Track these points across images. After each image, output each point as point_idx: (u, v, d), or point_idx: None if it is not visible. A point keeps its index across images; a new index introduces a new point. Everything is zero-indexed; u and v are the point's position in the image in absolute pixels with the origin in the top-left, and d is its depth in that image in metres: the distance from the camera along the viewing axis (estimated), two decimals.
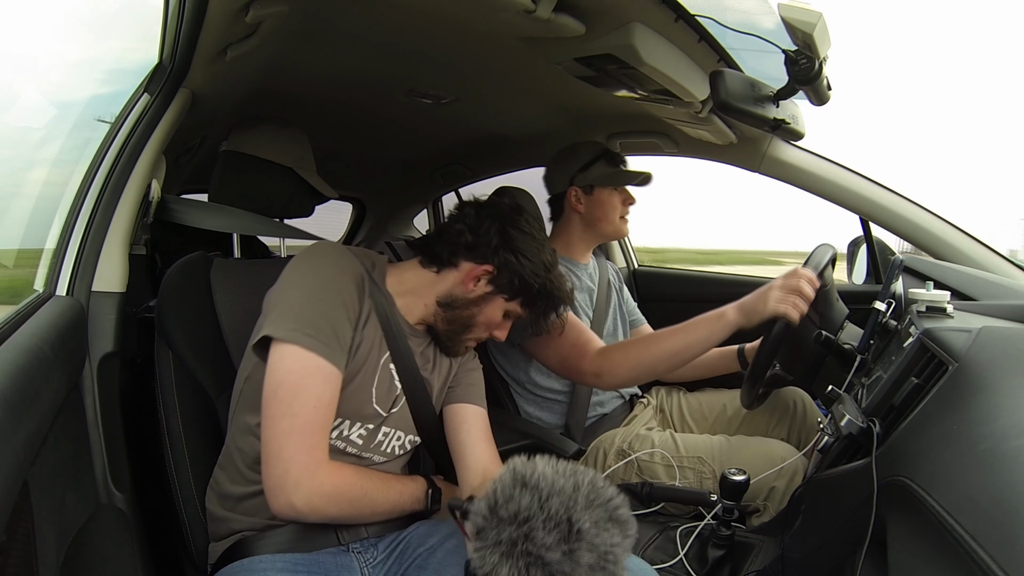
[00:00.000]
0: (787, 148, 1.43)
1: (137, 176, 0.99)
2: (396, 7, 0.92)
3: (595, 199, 1.43)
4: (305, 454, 0.76)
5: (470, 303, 0.93)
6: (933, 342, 0.60)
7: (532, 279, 0.92)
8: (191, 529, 0.91)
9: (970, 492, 0.41)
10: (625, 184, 1.43)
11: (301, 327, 0.79)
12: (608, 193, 1.42)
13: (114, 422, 0.93)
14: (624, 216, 1.45)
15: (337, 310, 0.82)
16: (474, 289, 0.93)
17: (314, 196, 1.26)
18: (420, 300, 0.94)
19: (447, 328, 0.94)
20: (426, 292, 0.94)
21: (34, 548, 0.62)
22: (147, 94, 1.04)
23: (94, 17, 1.44)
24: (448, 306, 0.93)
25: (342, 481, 0.79)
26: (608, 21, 0.87)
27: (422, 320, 0.96)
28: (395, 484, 0.87)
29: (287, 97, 1.40)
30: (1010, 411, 0.44)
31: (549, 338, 1.23)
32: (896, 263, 1.04)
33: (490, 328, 0.97)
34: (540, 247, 0.94)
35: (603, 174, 1.42)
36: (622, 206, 1.44)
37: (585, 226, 1.45)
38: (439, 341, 0.96)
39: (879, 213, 1.36)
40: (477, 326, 0.95)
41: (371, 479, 0.84)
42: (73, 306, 0.88)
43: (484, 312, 0.94)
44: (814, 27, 0.80)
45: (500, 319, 0.96)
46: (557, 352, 1.24)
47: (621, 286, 1.61)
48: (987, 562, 0.34)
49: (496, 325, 0.97)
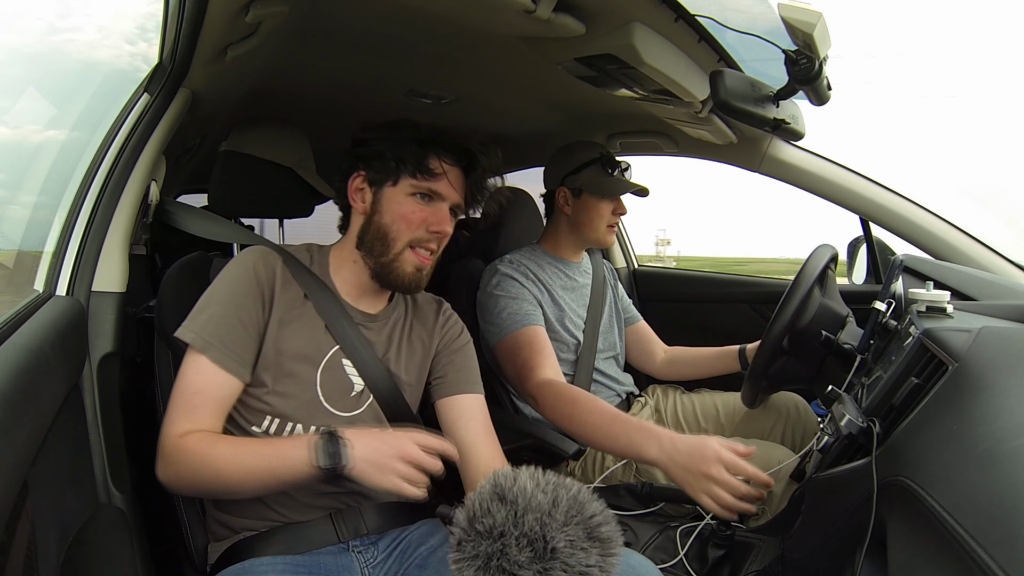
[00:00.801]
0: (787, 148, 1.43)
1: (137, 176, 0.99)
2: (396, 7, 0.92)
3: (583, 203, 1.39)
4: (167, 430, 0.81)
5: (371, 217, 0.90)
6: (933, 342, 0.60)
7: (393, 144, 0.89)
8: (190, 529, 0.91)
9: (970, 492, 0.41)
10: (611, 196, 1.38)
11: (194, 328, 0.83)
12: (596, 200, 1.38)
13: (114, 422, 0.93)
14: (611, 225, 1.40)
15: (229, 314, 0.83)
16: (362, 199, 0.91)
17: (314, 196, 1.27)
18: (348, 261, 0.92)
19: (377, 259, 0.89)
20: (347, 248, 0.93)
21: (34, 548, 0.62)
22: (147, 94, 1.04)
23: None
24: (361, 239, 0.91)
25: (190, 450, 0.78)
26: (608, 21, 0.87)
27: (360, 287, 0.93)
28: (255, 447, 0.79)
29: (287, 97, 1.40)
30: (1010, 411, 0.45)
31: (505, 349, 1.26)
32: (896, 263, 1.04)
33: (412, 224, 0.88)
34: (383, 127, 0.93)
35: (593, 181, 1.38)
36: (611, 215, 1.39)
37: (571, 228, 1.43)
38: (389, 282, 0.91)
39: (879, 213, 1.36)
40: (397, 232, 0.88)
41: (222, 445, 0.79)
42: (73, 306, 0.88)
43: (387, 212, 0.89)
44: (814, 27, 0.80)
45: (412, 208, 0.88)
46: (512, 363, 1.25)
47: (616, 283, 1.61)
48: (987, 562, 0.34)
49: (417, 218, 0.88)
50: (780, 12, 0.81)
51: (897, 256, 1.02)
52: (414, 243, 0.89)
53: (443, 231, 0.90)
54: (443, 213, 0.91)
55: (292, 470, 0.74)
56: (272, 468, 0.75)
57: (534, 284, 1.34)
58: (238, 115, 1.30)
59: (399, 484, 0.73)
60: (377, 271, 0.90)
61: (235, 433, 0.86)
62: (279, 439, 0.84)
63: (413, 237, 0.89)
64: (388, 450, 0.74)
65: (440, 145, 0.90)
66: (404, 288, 0.92)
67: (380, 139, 0.90)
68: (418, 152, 0.88)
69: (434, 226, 0.89)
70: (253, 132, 1.16)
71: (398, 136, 0.90)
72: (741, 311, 1.73)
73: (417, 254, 0.90)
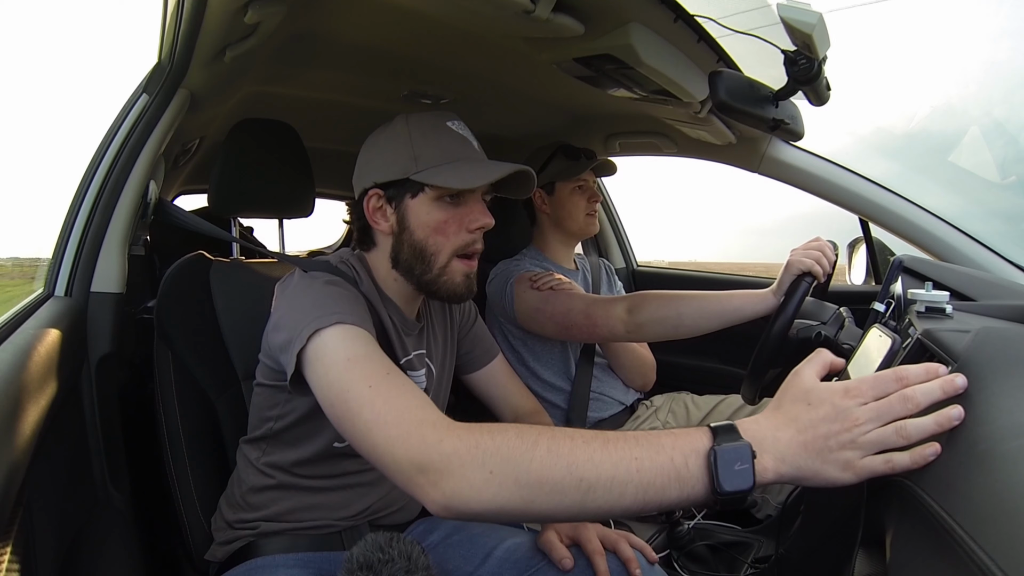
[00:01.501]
0: (786, 148, 1.43)
1: (136, 176, 0.99)
2: (395, 8, 0.92)
3: (557, 198, 1.43)
4: (414, 425, 0.56)
5: (400, 235, 0.82)
6: (932, 342, 0.60)
7: (400, 154, 0.81)
8: (190, 529, 0.91)
9: (969, 492, 0.41)
10: (579, 173, 1.41)
11: (324, 314, 0.68)
12: (569, 190, 1.42)
13: (113, 423, 0.93)
14: (591, 213, 1.44)
15: (356, 301, 0.75)
16: (384, 218, 0.83)
17: (313, 196, 1.26)
18: (389, 279, 0.86)
19: (420, 278, 0.83)
20: (383, 266, 0.86)
21: (33, 548, 0.62)
22: (146, 94, 1.04)
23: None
24: (396, 260, 0.84)
25: (503, 439, 0.53)
26: (607, 21, 0.87)
27: (404, 298, 0.87)
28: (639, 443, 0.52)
29: (286, 97, 1.40)
30: (1009, 411, 0.44)
31: (569, 311, 1.23)
32: (895, 263, 1.04)
33: (450, 233, 0.81)
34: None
35: (559, 169, 1.41)
36: (587, 203, 1.43)
37: (554, 226, 1.46)
38: (439, 296, 0.84)
39: (878, 213, 1.36)
40: (436, 246, 0.81)
41: (563, 439, 0.53)
42: (72, 306, 0.88)
43: (418, 227, 0.81)
44: (813, 27, 0.80)
45: (443, 215, 0.80)
46: (576, 322, 1.22)
47: (613, 279, 1.62)
48: (986, 563, 0.34)
49: (453, 225, 0.81)
50: (779, 12, 0.81)
51: (896, 256, 1.02)
52: (459, 251, 0.82)
53: (484, 224, 0.82)
54: (478, 207, 0.82)
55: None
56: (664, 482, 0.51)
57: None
58: (237, 115, 1.30)
59: (871, 466, 0.48)
60: (423, 287, 0.84)
61: (303, 449, 0.83)
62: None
63: (456, 246, 0.81)
64: (830, 414, 0.49)
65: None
66: (458, 299, 0.85)
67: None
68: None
69: (473, 224, 0.81)
70: (252, 132, 1.16)
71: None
72: None
73: (464, 261, 0.83)
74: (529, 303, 1.29)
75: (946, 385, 0.48)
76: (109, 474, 0.90)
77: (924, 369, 0.50)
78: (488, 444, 0.52)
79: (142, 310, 1.48)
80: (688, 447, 0.50)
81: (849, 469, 0.49)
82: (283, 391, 0.78)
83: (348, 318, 0.67)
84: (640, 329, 1.18)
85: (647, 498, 0.50)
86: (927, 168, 1.93)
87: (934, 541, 0.41)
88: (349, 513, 0.87)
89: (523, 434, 0.52)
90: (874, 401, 0.49)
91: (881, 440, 0.48)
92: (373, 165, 0.84)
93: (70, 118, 36.56)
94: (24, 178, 14.16)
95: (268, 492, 0.85)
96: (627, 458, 0.50)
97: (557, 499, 0.50)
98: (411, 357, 0.89)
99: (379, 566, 0.65)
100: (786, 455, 0.50)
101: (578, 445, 0.51)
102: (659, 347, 1.90)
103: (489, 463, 0.51)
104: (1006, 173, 1.64)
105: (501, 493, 0.51)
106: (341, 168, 2.02)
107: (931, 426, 0.47)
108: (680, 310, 1.15)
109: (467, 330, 1.03)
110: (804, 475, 0.50)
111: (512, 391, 1.05)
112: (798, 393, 0.52)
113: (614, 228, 2.13)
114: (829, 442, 0.49)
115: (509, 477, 0.51)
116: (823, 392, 0.51)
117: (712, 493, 0.49)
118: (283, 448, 0.85)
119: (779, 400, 0.54)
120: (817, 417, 0.50)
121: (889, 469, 0.48)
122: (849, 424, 0.49)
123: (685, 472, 0.50)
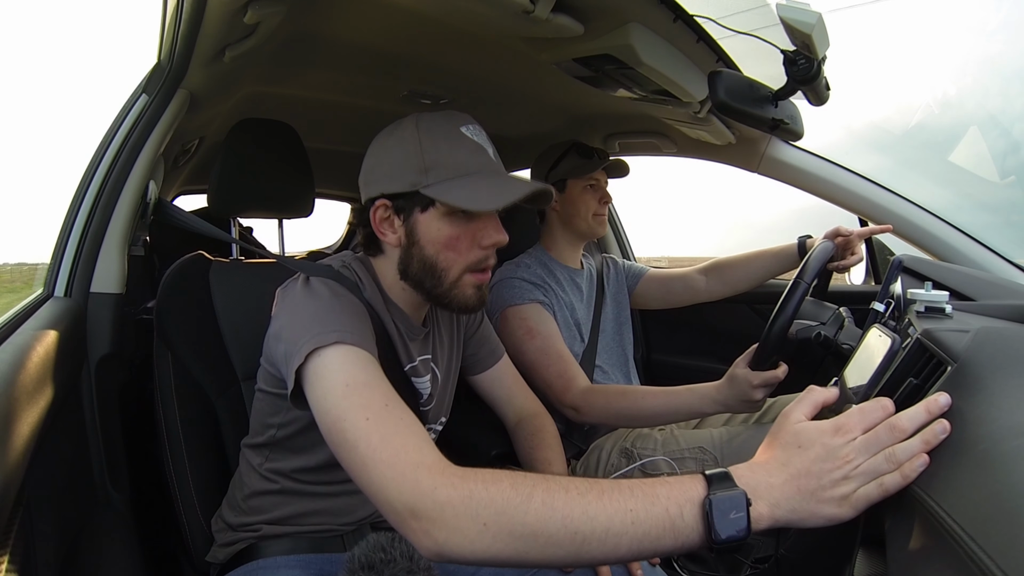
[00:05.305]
0: (786, 148, 1.43)
1: (135, 177, 0.99)
2: (395, 8, 0.92)
3: (568, 196, 1.42)
4: (409, 468, 0.55)
5: (409, 249, 0.79)
6: (932, 342, 0.60)
7: (409, 163, 0.76)
8: (190, 529, 0.91)
9: (969, 493, 0.41)
10: (591, 171, 1.41)
11: (324, 331, 0.66)
12: (581, 189, 1.41)
13: (112, 423, 0.93)
14: (599, 214, 1.43)
15: (357, 315, 0.74)
16: (391, 230, 0.80)
17: (313, 196, 1.26)
18: (396, 288, 0.84)
19: (431, 292, 0.80)
20: (390, 275, 0.83)
21: (33, 548, 0.62)
22: (145, 94, 1.04)
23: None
24: (404, 272, 0.81)
25: (497, 491, 0.52)
26: (606, 21, 0.87)
27: (411, 305, 0.86)
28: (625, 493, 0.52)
29: (286, 97, 1.40)
30: (1009, 411, 0.44)
31: (534, 364, 1.24)
32: (895, 263, 1.04)
33: (461, 250, 0.78)
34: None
35: (572, 166, 1.41)
36: (597, 204, 1.42)
37: (563, 225, 1.45)
38: (450, 308, 0.82)
39: (878, 213, 1.36)
40: (447, 262, 0.78)
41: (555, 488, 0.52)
42: (71, 307, 0.88)
43: (428, 243, 0.78)
44: (812, 27, 0.80)
45: (455, 231, 0.77)
46: (543, 378, 1.24)
47: (616, 272, 1.60)
48: (986, 563, 0.34)
49: (465, 242, 0.78)
50: (778, 12, 0.81)
51: (896, 256, 1.02)
52: (471, 267, 0.79)
53: (498, 242, 0.79)
54: (491, 223, 0.79)
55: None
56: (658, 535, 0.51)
57: (548, 291, 1.35)
58: (237, 115, 1.30)
59: (865, 495, 0.49)
60: (433, 300, 0.82)
61: (306, 457, 0.83)
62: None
63: (468, 263, 0.79)
64: (821, 455, 0.50)
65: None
66: (469, 311, 0.83)
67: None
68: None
69: (486, 241, 0.78)
70: (252, 132, 1.16)
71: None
72: (740, 311, 1.73)
73: (476, 275, 0.80)
74: (510, 340, 1.25)
75: (930, 406, 0.49)
76: (109, 474, 0.90)
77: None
78: (482, 495, 0.52)
79: (142, 310, 1.48)
80: (683, 497, 0.51)
81: (845, 503, 0.49)
82: (285, 399, 0.77)
83: (348, 337, 0.66)
84: (589, 417, 1.20)
85: (642, 548, 0.50)
86: (920, 162, 1.93)
87: (934, 541, 0.41)
88: (352, 518, 0.87)
89: (518, 485, 0.52)
90: (863, 435, 0.50)
91: (873, 470, 0.49)
92: (381, 172, 0.79)
93: (70, 118, 37.01)
94: (24, 178, 14.12)
95: (271, 497, 0.85)
96: (622, 510, 0.50)
97: (551, 551, 0.51)
98: (416, 363, 0.87)
99: (381, 566, 0.65)
100: (780, 500, 0.50)
101: (573, 497, 0.51)
102: (659, 347, 1.91)
103: (483, 515, 0.51)
104: (1005, 173, 1.64)
105: (495, 545, 0.51)
106: (341, 168, 2.03)
107: (919, 446, 0.48)
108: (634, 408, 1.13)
109: (473, 331, 1.03)
110: (800, 517, 0.50)
111: (516, 392, 1.06)
112: (788, 436, 0.53)
113: (613, 227, 2.13)
114: (823, 481, 0.49)
115: (503, 529, 0.51)
116: (813, 433, 0.52)
117: (708, 541, 0.49)
118: (286, 455, 0.84)
119: (770, 443, 0.54)
120: (809, 459, 0.50)
121: (883, 492, 0.49)
122: (840, 462, 0.50)
123: (680, 523, 0.50)
